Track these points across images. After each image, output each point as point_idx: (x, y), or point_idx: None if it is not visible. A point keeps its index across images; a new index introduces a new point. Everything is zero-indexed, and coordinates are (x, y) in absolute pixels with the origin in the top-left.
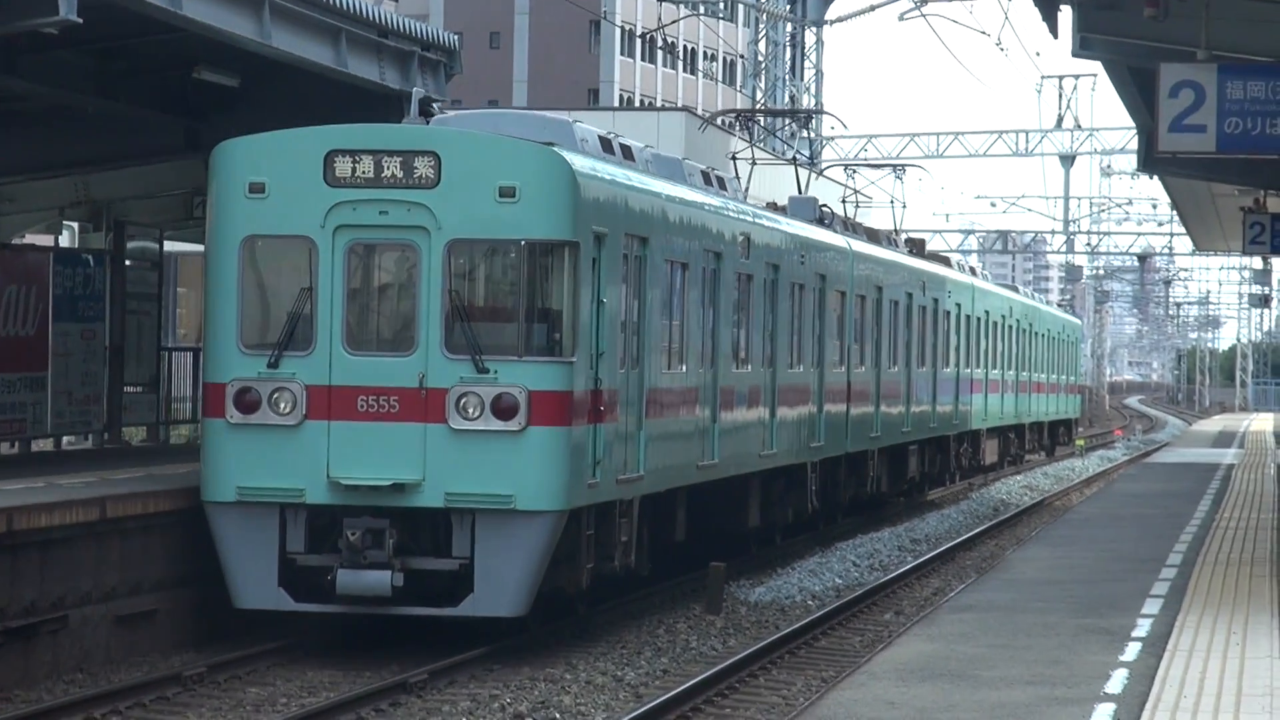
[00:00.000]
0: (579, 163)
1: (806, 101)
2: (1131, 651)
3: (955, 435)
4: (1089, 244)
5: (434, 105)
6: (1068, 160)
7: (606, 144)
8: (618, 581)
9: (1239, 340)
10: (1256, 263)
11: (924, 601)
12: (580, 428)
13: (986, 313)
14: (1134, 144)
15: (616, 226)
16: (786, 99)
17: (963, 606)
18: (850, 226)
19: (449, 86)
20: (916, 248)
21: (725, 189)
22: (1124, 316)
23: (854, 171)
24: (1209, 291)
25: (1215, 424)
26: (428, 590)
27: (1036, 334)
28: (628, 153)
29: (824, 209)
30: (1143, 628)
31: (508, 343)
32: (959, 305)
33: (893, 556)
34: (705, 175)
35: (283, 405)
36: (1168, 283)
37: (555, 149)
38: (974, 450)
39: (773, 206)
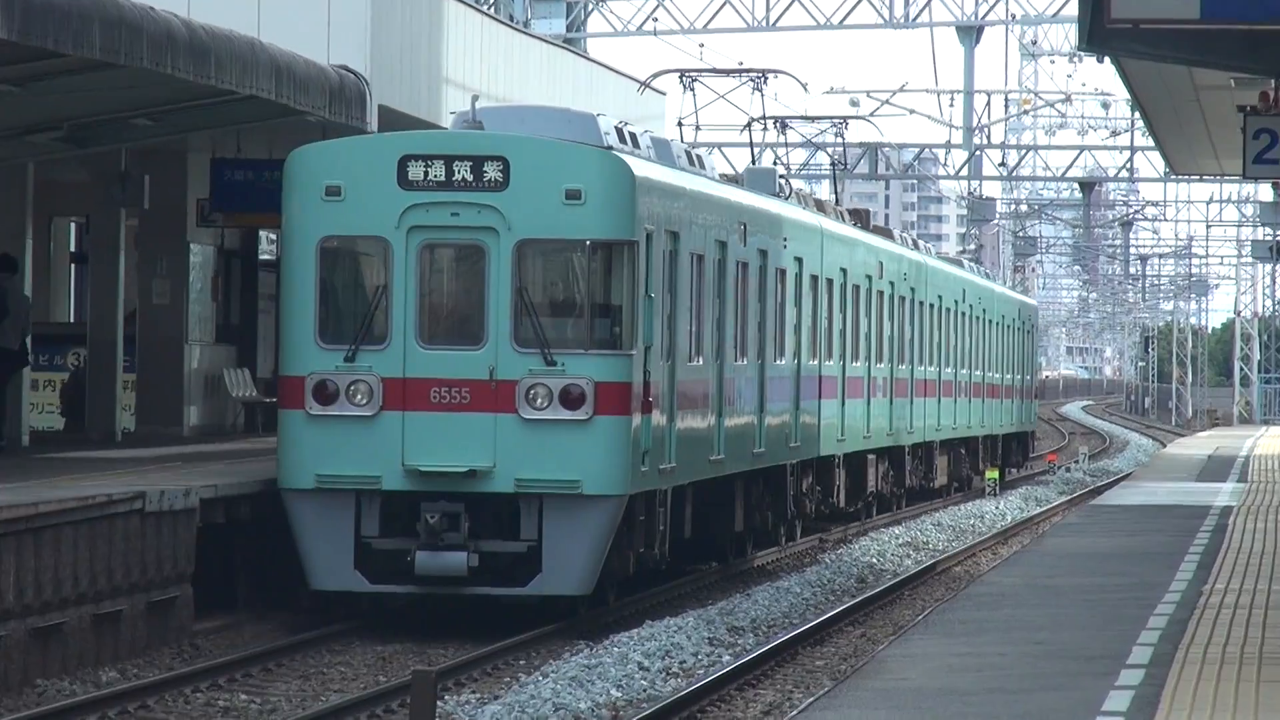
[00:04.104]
0: (638, 166)
1: None
2: None
3: (910, 447)
4: (1004, 164)
5: None
6: (970, 35)
7: (620, 134)
8: (643, 574)
9: (1237, 314)
10: (1264, 192)
11: None
12: (637, 418)
13: (940, 298)
14: (1072, 9)
15: (659, 224)
16: None
17: None
18: (802, 199)
19: None
20: (860, 219)
21: (704, 167)
22: (1060, 277)
23: (692, 80)
24: (1191, 238)
25: (1203, 444)
26: (495, 571)
27: (990, 322)
28: (635, 140)
29: (782, 180)
30: None
31: (574, 337)
32: (913, 290)
33: (701, 654)
34: (689, 155)
35: (359, 397)
36: (1127, 224)
37: (616, 153)
38: (927, 467)
39: (725, 178)
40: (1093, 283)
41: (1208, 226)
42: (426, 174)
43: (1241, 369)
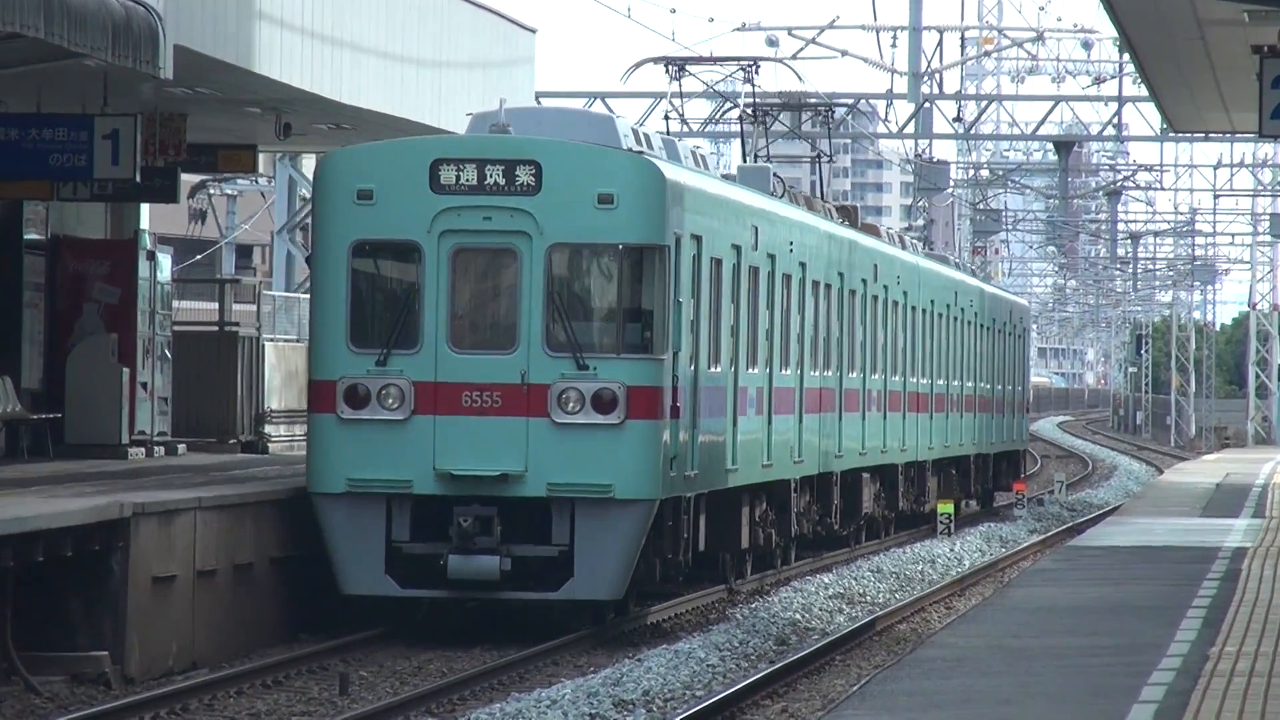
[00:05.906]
0: (669, 171)
1: None
2: None
3: (903, 467)
4: (960, 120)
5: None
6: None
7: (636, 136)
8: (657, 585)
9: (1252, 306)
10: None
11: None
12: (667, 423)
13: (932, 302)
14: None
15: (685, 229)
16: None
17: None
18: (793, 197)
19: None
20: (849, 217)
21: (707, 167)
22: (1030, 260)
23: (679, 70)
24: (1195, 211)
25: (1209, 469)
26: (527, 576)
27: (983, 327)
28: (648, 142)
29: (777, 178)
30: None
31: (606, 341)
32: (905, 295)
33: None
34: (694, 156)
35: (391, 401)
36: (1114, 195)
37: (647, 158)
38: (919, 489)
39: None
40: (1071, 268)
41: (1215, 197)
42: (459, 178)
43: (1257, 375)
